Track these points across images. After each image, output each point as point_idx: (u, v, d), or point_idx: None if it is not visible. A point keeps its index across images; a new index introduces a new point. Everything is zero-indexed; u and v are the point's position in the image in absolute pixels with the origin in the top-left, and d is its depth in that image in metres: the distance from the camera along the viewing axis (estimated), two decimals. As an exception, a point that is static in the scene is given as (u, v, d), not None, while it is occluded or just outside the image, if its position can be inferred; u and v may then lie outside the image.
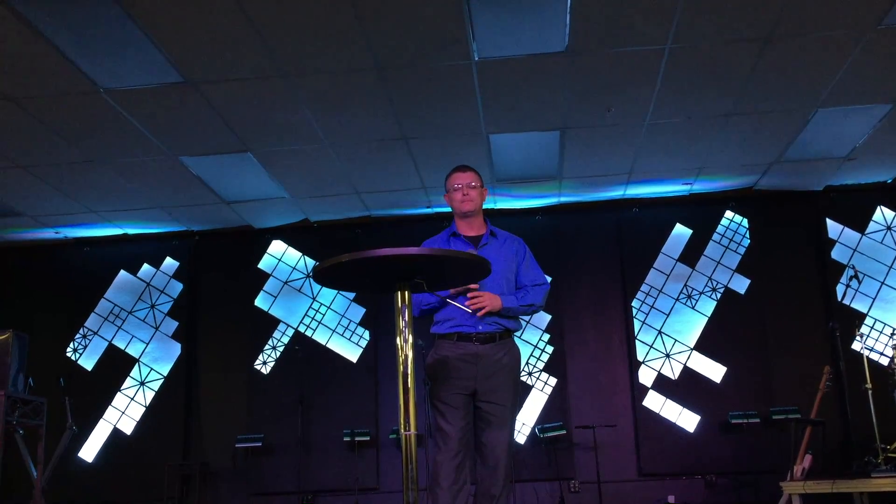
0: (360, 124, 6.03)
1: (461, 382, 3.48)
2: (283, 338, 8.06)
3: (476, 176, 3.71)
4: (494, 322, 3.55)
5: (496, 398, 3.50)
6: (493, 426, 3.50)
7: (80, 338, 8.23)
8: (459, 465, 3.40)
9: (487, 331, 3.55)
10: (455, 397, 3.46)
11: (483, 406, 3.51)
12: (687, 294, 7.79)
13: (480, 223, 3.77)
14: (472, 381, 3.49)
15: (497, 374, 3.52)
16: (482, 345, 3.53)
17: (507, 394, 3.54)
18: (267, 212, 7.82)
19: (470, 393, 3.50)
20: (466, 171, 3.72)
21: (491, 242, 3.73)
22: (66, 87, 5.22)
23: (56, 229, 8.02)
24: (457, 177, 3.70)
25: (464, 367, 3.49)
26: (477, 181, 3.70)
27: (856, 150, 6.83)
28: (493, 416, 3.50)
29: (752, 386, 7.42)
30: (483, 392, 3.50)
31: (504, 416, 3.52)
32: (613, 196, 7.86)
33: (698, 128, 6.32)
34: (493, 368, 3.52)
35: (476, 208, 3.70)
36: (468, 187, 3.66)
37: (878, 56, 5.26)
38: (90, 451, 7.90)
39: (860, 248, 7.71)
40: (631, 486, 7.36)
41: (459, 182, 3.67)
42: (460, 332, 3.53)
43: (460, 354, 3.50)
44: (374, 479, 7.55)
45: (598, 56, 5.17)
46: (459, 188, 3.66)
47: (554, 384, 7.65)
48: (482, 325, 3.53)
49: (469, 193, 3.66)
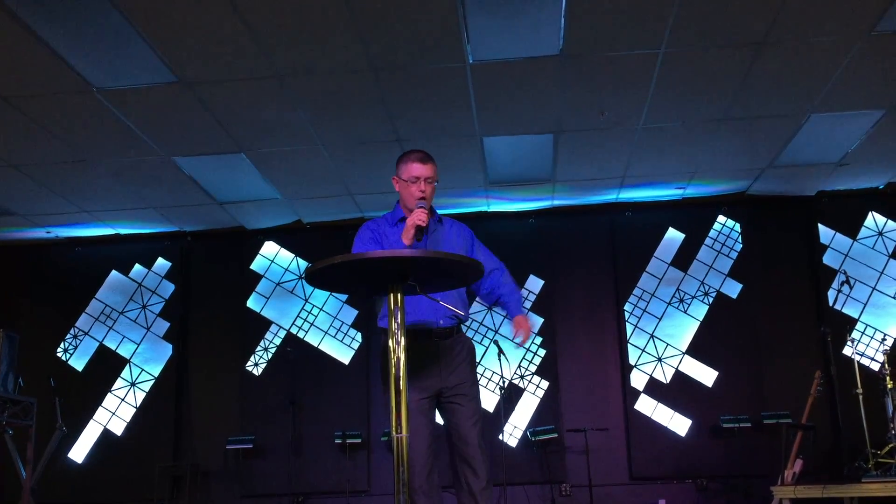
0: (354, 126, 6.02)
1: (424, 383, 3.34)
2: (275, 339, 8.04)
3: (435, 168, 3.46)
4: (452, 315, 3.43)
5: (464, 390, 3.41)
6: (465, 422, 3.39)
7: (71, 338, 8.20)
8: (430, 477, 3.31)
9: (448, 325, 3.44)
10: (420, 402, 3.31)
11: (451, 403, 3.41)
12: (679, 298, 7.80)
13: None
14: (436, 380, 3.38)
15: (460, 368, 3.43)
16: (443, 340, 3.42)
17: (474, 387, 3.48)
18: (259, 213, 7.80)
19: (434, 394, 3.39)
20: (428, 161, 3.44)
21: (438, 229, 3.56)
22: (59, 86, 5.20)
23: (47, 229, 7.99)
24: (416, 167, 3.41)
25: (426, 365, 3.34)
26: (435, 174, 3.44)
27: (848, 156, 6.86)
28: (464, 409, 3.39)
29: (744, 390, 7.44)
30: (448, 389, 3.39)
31: (475, 409, 3.43)
32: (607, 199, 7.87)
33: (691, 132, 6.33)
34: (454, 363, 3.42)
35: (430, 205, 3.45)
36: (426, 182, 3.40)
37: (870, 62, 5.28)
38: (80, 452, 7.87)
39: (852, 253, 7.73)
40: (622, 489, 7.36)
41: (419, 174, 3.40)
42: (419, 327, 3.34)
43: (420, 352, 3.31)
44: (365, 482, 7.54)
45: (591, 60, 5.18)
46: (417, 181, 3.40)
47: (546, 387, 7.65)
48: (443, 319, 3.41)
49: (426, 189, 3.40)
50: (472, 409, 3.42)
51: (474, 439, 3.38)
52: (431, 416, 3.42)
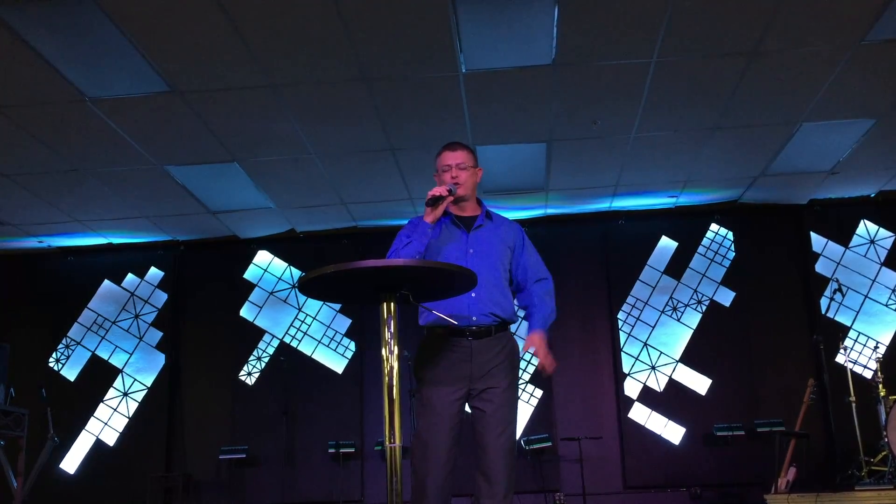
0: (347, 135, 6.02)
1: (452, 385, 3.15)
2: (268, 348, 8.02)
3: (468, 154, 3.36)
4: (490, 313, 3.22)
5: (493, 396, 3.15)
6: (489, 430, 3.13)
7: (63, 348, 8.16)
8: (446, 483, 3.10)
9: (483, 323, 3.21)
10: (444, 403, 3.13)
11: (477, 408, 3.18)
12: (672, 306, 7.81)
13: (474, 205, 3.43)
14: (465, 381, 3.16)
15: (494, 372, 3.17)
16: (477, 340, 3.18)
17: (507, 392, 3.17)
18: (253, 222, 7.79)
19: (462, 396, 3.17)
20: (457, 149, 3.37)
21: (486, 225, 3.38)
22: (51, 95, 5.20)
23: (40, 238, 7.97)
24: (446, 156, 3.36)
25: (456, 365, 3.16)
26: (468, 160, 3.34)
27: (840, 164, 6.89)
28: (489, 417, 3.13)
29: (737, 398, 7.44)
30: (478, 392, 3.16)
31: (503, 418, 3.14)
32: (599, 208, 7.88)
33: (684, 141, 6.35)
34: (489, 365, 3.17)
35: (466, 192, 3.34)
36: (458, 168, 3.32)
37: (861, 71, 5.31)
38: (72, 463, 7.82)
39: (844, 261, 7.76)
40: (616, 498, 7.35)
41: (449, 162, 3.33)
42: (451, 325, 3.14)
43: (451, 351, 3.16)
44: (358, 492, 7.51)
45: (584, 69, 5.20)
46: (449, 169, 3.32)
47: (539, 396, 7.64)
48: (476, 315, 3.20)
49: (459, 175, 3.31)
50: (499, 417, 3.14)
51: (496, 451, 3.11)
52: (455, 419, 3.15)
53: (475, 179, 3.39)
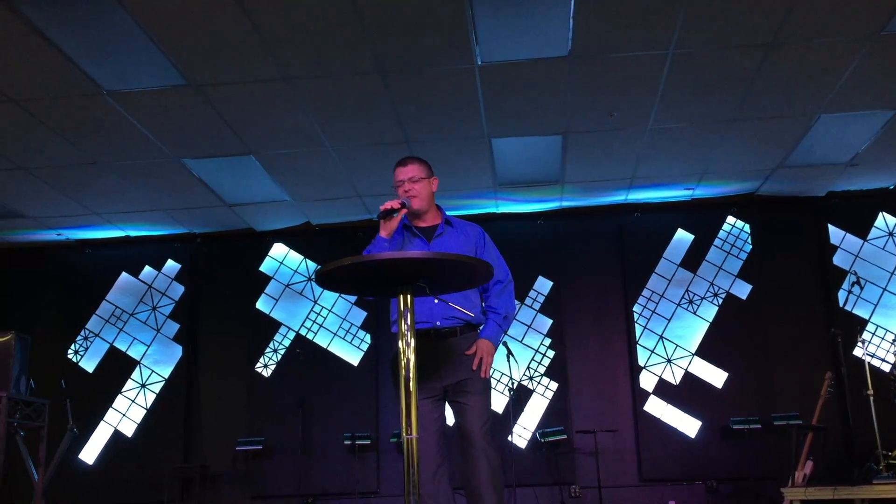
0: (363, 128, 6.03)
1: (426, 384, 3.29)
2: (284, 341, 8.05)
3: (419, 167, 3.46)
4: (453, 317, 3.37)
5: (468, 387, 3.34)
6: (467, 418, 3.32)
7: (82, 340, 8.23)
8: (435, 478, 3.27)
9: (446, 326, 3.37)
10: (423, 402, 3.26)
11: (455, 401, 3.37)
12: (688, 299, 7.79)
13: (434, 214, 3.55)
14: (437, 381, 3.34)
15: (465, 366, 3.36)
16: (443, 340, 3.36)
17: (478, 383, 3.36)
18: (269, 214, 7.82)
19: (439, 394, 3.36)
20: (407, 163, 3.46)
21: (447, 232, 3.52)
22: (69, 88, 5.23)
23: (58, 231, 8.03)
24: (398, 172, 3.46)
25: (426, 368, 3.25)
26: (420, 172, 3.44)
27: (858, 156, 6.83)
28: (467, 406, 3.33)
29: (754, 392, 7.42)
30: (452, 387, 3.36)
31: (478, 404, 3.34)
32: (615, 201, 7.86)
33: (701, 133, 6.32)
34: (459, 360, 3.35)
35: (422, 204, 3.46)
36: (410, 182, 3.42)
37: (880, 62, 5.26)
38: (91, 454, 7.90)
39: (862, 254, 7.70)
40: (632, 491, 7.35)
41: (401, 177, 3.43)
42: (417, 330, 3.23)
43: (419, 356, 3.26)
44: (374, 483, 7.54)
45: (600, 61, 5.18)
46: (401, 184, 3.42)
47: (555, 389, 7.64)
48: (439, 320, 3.35)
49: (411, 188, 3.42)
50: (475, 406, 3.34)
51: (476, 435, 3.30)
52: (437, 417, 3.35)
53: (430, 189, 3.51)
